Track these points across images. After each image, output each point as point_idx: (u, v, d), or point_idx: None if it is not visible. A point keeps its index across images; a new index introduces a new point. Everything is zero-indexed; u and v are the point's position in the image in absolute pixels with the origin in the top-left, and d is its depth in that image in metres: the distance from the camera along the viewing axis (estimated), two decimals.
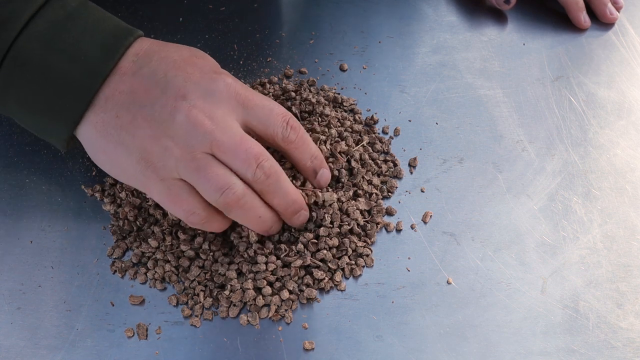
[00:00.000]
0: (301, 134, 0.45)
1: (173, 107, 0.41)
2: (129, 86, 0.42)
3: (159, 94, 0.41)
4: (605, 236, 0.49)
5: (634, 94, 0.58)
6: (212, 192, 0.41)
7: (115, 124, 0.42)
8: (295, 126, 0.44)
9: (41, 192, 0.50)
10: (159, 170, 0.41)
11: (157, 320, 0.45)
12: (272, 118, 0.43)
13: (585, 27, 0.63)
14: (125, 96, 0.42)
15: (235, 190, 0.41)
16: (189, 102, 0.41)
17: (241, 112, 0.43)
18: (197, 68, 0.43)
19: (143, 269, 0.46)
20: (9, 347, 0.43)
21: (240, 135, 0.42)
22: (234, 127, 0.42)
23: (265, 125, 0.43)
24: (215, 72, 0.43)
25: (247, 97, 0.43)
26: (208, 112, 0.41)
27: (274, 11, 0.63)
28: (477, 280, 0.47)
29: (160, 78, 0.42)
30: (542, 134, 0.55)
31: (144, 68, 0.42)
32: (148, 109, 0.41)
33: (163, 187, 0.42)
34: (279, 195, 0.43)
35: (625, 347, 0.44)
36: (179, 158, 0.41)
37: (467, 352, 0.44)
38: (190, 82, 0.42)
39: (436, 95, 0.57)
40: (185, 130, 0.41)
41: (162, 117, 0.41)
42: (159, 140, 0.41)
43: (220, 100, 0.42)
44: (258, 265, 0.45)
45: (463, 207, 0.50)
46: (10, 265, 0.47)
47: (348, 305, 0.46)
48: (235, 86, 0.43)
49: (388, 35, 0.62)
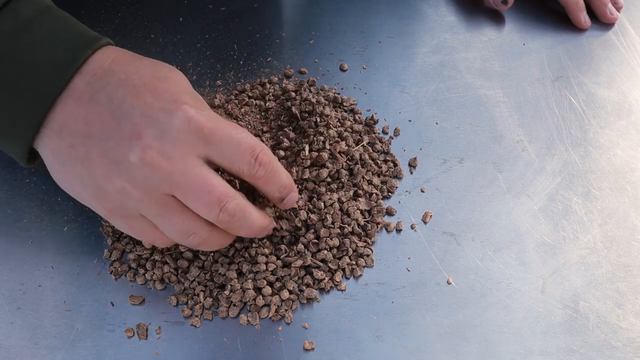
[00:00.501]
0: (271, 168, 0.41)
1: (127, 147, 0.38)
2: (84, 115, 0.39)
3: (114, 128, 0.38)
4: (605, 236, 0.49)
5: (634, 94, 0.58)
6: (176, 236, 0.40)
7: (70, 155, 0.39)
8: (265, 161, 0.40)
9: (41, 192, 0.50)
10: (116, 210, 0.40)
11: (157, 320, 0.45)
12: (238, 154, 0.40)
13: (585, 27, 0.63)
14: (81, 126, 0.39)
15: (200, 235, 0.40)
16: (144, 142, 0.38)
17: (203, 148, 0.39)
18: (157, 96, 0.39)
19: (142, 270, 0.46)
20: (9, 347, 0.43)
21: (202, 176, 0.39)
22: (195, 167, 0.39)
23: (230, 161, 0.40)
24: (176, 102, 0.39)
25: (210, 131, 0.39)
26: (165, 153, 0.38)
27: (274, 11, 0.63)
28: (477, 280, 0.47)
29: (116, 107, 0.38)
30: (542, 134, 0.55)
31: (99, 93, 0.39)
32: (103, 144, 0.38)
33: (124, 223, 0.41)
34: (245, 228, 0.42)
35: (625, 347, 0.44)
36: (137, 200, 0.39)
37: (467, 352, 0.44)
38: (147, 117, 0.38)
39: (436, 95, 0.57)
40: (141, 172, 0.38)
41: (116, 156, 0.38)
42: (113, 181, 0.39)
43: (179, 138, 0.38)
44: (258, 265, 0.45)
45: (463, 207, 0.50)
46: (10, 265, 0.47)
47: (348, 305, 0.46)
48: (196, 119, 0.38)
49: (388, 35, 0.62)
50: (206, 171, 0.39)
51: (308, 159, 0.49)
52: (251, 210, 0.41)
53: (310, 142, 0.49)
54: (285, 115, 0.53)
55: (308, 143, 0.49)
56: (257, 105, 0.54)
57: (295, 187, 0.44)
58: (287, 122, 0.53)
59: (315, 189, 0.48)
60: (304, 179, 0.48)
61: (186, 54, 0.58)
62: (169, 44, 0.59)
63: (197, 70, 0.57)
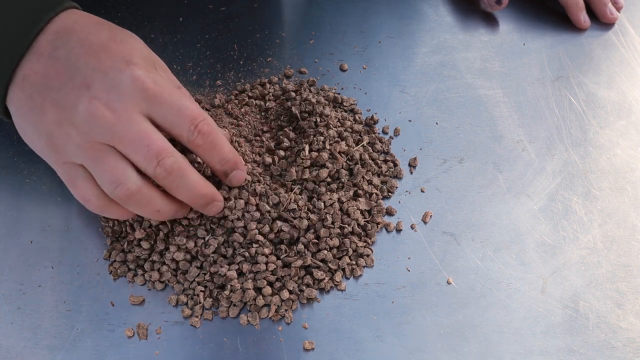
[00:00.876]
0: (211, 138, 0.42)
1: (76, 96, 0.41)
2: (43, 68, 0.42)
3: (67, 80, 0.41)
4: (605, 236, 0.49)
5: (634, 94, 0.58)
6: (106, 184, 0.41)
7: (28, 105, 0.42)
8: (205, 130, 0.42)
9: (41, 192, 0.50)
10: (60, 154, 0.42)
11: (157, 320, 0.45)
12: (179, 119, 0.42)
13: (585, 27, 0.63)
14: (39, 78, 0.42)
15: (128, 186, 0.41)
16: (92, 93, 0.40)
17: (146, 107, 0.41)
18: (110, 56, 0.42)
19: (140, 271, 0.46)
20: (9, 347, 0.43)
21: (143, 130, 0.41)
22: (137, 121, 0.41)
23: (170, 125, 0.42)
24: (127, 62, 0.41)
25: (154, 92, 0.41)
26: (110, 105, 0.40)
27: (274, 11, 0.63)
28: (477, 280, 0.47)
29: (71, 63, 0.41)
30: (542, 134, 0.55)
31: (59, 49, 0.42)
32: (55, 94, 0.41)
33: (63, 171, 0.43)
34: (184, 191, 0.42)
35: (625, 347, 0.44)
36: (78, 145, 0.41)
37: (467, 352, 0.44)
38: (98, 72, 0.41)
39: (436, 95, 0.57)
40: (86, 120, 0.40)
41: (66, 104, 0.41)
42: (62, 126, 0.41)
43: (125, 94, 0.41)
44: (258, 265, 0.45)
45: (463, 207, 0.50)
46: (10, 265, 0.47)
47: (348, 305, 0.46)
48: (143, 79, 0.41)
49: (388, 35, 0.61)
50: (148, 126, 0.41)
51: (308, 159, 0.49)
52: (191, 172, 0.42)
53: (310, 142, 0.49)
54: (285, 115, 0.53)
55: (308, 143, 0.49)
56: (257, 105, 0.54)
57: (242, 165, 0.45)
58: (287, 122, 0.53)
59: (315, 189, 0.48)
60: (304, 179, 0.48)
61: (186, 54, 0.58)
62: (169, 44, 0.59)
63: (197, 70, 0.57)
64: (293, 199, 0.47)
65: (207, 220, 0.46)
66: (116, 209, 0.43)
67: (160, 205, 0.43)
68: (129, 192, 0.41)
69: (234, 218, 0.46)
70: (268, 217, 0.46)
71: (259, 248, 0.46)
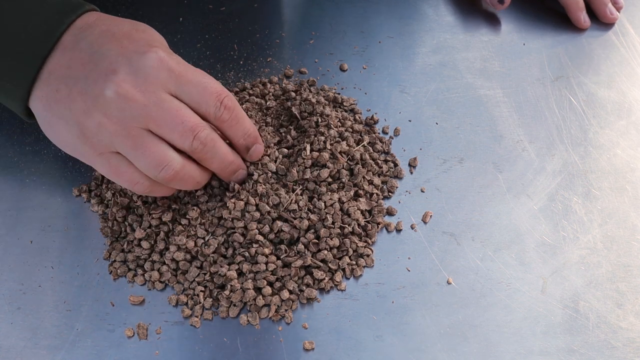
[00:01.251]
0: (235, 113, 0.44)
1: (104, 82, 0.41)
2: (68, 60, 0.42)
3: (92, 68, 0.41)
4: (605, 236, 0.49)
5: (634, 94, 0.58)
6: (150, 169, 0.42)
7: (55, 98, 0.42)
8: (230, 105, 0.43)
9: (41, 192, 0.50)
10: (95, 145, 0.42)
11: (157, 320, 0.45)
12: (205, 96, 0.43)
13: (585, 27, 0.63)
14: (65, 70, 0.42)
15: (173, 166, 0.42)
16: (119, 77, 0.41)
17: (173, 86, 0.42)
18: (133, 41, 0.42)
19: (140, 271, 0.46)
20: (9, 347, 0.43)
21: (175, 108, 0.41)
22: (167, 100, 0.41)
23: (197, 103, 0.43)
24: (149, 45, 0.42)
25: (180, 72, 0.42)
26: (139, 86, 0.41)
27: (274, 11, 0.63)
28: (477, 280, 0.47)
29: (95, 51, 0.42)
30: (542, 134, 0.55)
31: (82, 41, 0.42)
32: (82, 83, 0.41)
33: (102, 161, 0.43)
34: (216, 161, 0.44)
35: (625, 347, 0.44)
36: (113, 133, 0.41)
37: (467, 352, 0.44)
38: (123, 57, 0.41)
39: (436, 95, 0.57)
40: (117, 105, 0.41)
41: (94, 91, 0.41)
42: (92, 115, 0.41)
43: (151, 74, 0.41)
44: (258, 265, 0.45)
45: (463, 207, 0.50)
46: (10, 265, 0.47)
47: (348, 305, 0.46)
48: (167, 60, 0.42)
49: (388, 35, 0.61)
50: (178, 103, 0.42)
51: (309, 159, 0.49)
52: (221, 142, 0.44)
53: (312, 142, 0.49)
54: (285, 115, 0.53)
55: (309, 143, 0.49)
56: (257, 103, 0.54)
57: (260, 139, 0.47)
58: (287, 122, 0.53)
59: (315, 189, 0.48)
60: (305, 179, 0.48)
61: (186, 54, 0.58)
62: (169, 44, 0.59)
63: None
64: (294, 200, 0.47)
65: (207, 220, 0.46)
66: (161, 188, 0.45)
67: (199, 177, 0.45)
68: (174, 172, 0.42)
69: (233, 218, 0.46)
70: (268, 217, 0.46)
71: (259, 248, 0.46)
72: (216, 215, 0.47)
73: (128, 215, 0.47)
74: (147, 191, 0.44)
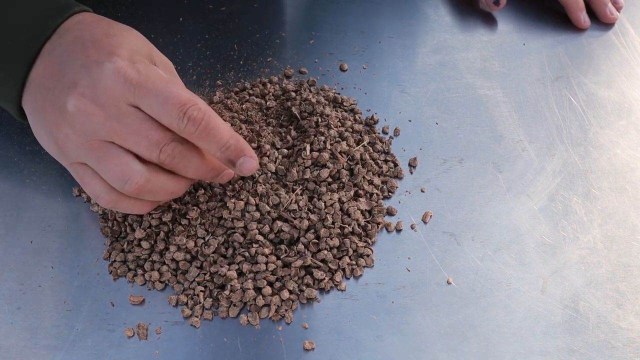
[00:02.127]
0: (204, 124, 0.39)
1: (66, 94, 0.40)
2: (43, 68, 0.42)
3: (59, 79, 0.41)
4: (605, 236, 0.49)
5: (634, 94, 0.58)
6: (115, 181, 0.41)
7: (34, 106, 0.42)
8: (195, 116, 0.39)
9: (41, 192, 0.50)
10: (65, 155, 0.42)
11: (157, 320, 0.45)
12: (166, 108, 0.39)
13: (585, 27, 0.63)
14: (41, 79, 0.42)
15: (137, 180, 0.40)
16: (78, 90, 0.40)
17: (132, 98, 0.39)
18: (98, 49, 0.41)
19: (140, 271, 0.46)
20: (9, 347, 0.43)
21: (138, 122, 0.40)
22: (129, 114, 0.40)
23: (158, 115, 0.40)
24: (110, 54, 0.40)
25: (138, 82, 0.39)
26: (98, 101, 0.39)
27: (274, 11, 0.63)
28: (477, 280, 0.47)
29: (63, 61, 0.41)
30: (542, 134, 0.55)
31: (57, 49, 0.42)
32: (51, 94, 0.41)
33: (73, 171, 0.43)
34: (191, 170, 0.42)
35: (625, 347, 0.44)
36: (78, 146, 0.41)
37: (467, 352, 0.44)
38: (84, 68, 0.40)
39: (436, 95, 0.57)
40: (79, 119, 0.40)
41: (59, 104, 0.41)
42: (61, 127, 0.41)
43: (109, 87, 0.39)
44: (258, 265, 0.45)
45: (463, 207, 0.50)
46: (10, 265, 0.47)
47: (348, 305, 0.46)
48: (125, 70, 0.39)
49: (388, 35, 0.61)
50: (141, 116, 0.40)
51: (309, 159, 0.49)
52: (194, 152, 0.41)
53: (311, 142, 0.50)
54: (286, 115, 0.53)
55: (309, 143, 0.49)
56: (257, 103, 0.54)
57: (250, 152, 0.42)
58: (287, 122, 0.53)
59: (315, 189, 0.48)
60: (305, 179, 0.48)
61: (186, 54, 0.58)
62: (169, 44, 0.59)
63: (197, 70, 0.57)
64: (294, 200, 0.47)
65: (207, 220, 0.46)
66: (129, 202, 0.43)
67: (173, 187, 0.42)
68: (139, 186, 0.40)
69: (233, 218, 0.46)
70: (268, 217, 0.46)
71: (259, 248, 0.46)
72: (216, 215, 0.47)
73: (128, 215, 0.47)
74: (113, 205, 0.42)
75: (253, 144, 0.49)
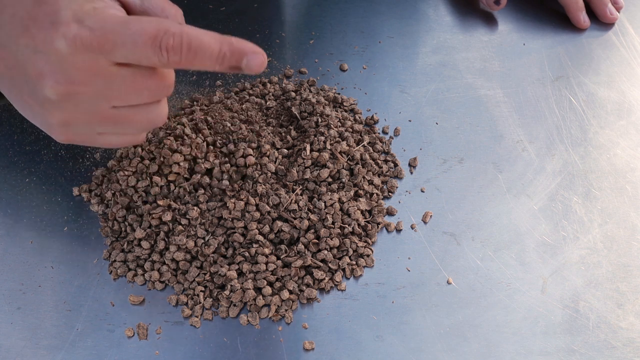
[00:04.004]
0: (185, 48, 0.36)
1: (41, 87, 0.37)
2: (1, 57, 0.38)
3: (21, 71, 0.37)
4: (605, 236, 0.49)
5: (634, 94, 0.58)
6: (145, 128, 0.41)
7: (11, 98, 0.40)
8: (172, 44, 0.35)
9: (41, 192, 0.50)
10: (76, 138, 0.40)
11: (157, 320, 0.45)
12: (139, 52, 0.35)
13: (585, 27, 0.63)
14: (2, 69, 0.38)
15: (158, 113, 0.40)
16: (51, 80, 0.36)
17: (105, 58, 0.36)
18: (38, 26, 0.36)
19: (140, 271, 0.46)
20: (9, 347, 0.43)
21: (128, 77, 0.37)
22: (112, 74, 0.36)
23: (138, 60, 0.36)
24: (54, 26, 0.35)
25: (99, 43, 0.35)
26: (75, 80, 0.36)
27: (274, 11, 0.63)
28: (477, 280, 0.47)
29: (13, 50, 0.37)
30: (542, 134, 0.55)
31: (1, 31, 0.37)
32: (26, 87, 0.38)
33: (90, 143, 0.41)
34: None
35: (625, 347, 0.44)
36: (87, 124, 0.39)
37: (467, 352, 0.44)
38: (39, 53, 0.36)
39: (436, 95, 0.57)
40: (71, 105, 0.37)
41: (42, 97, 0.37)
42: (56, 117, 0.38)
43: (75, 63, 0.36)
44: (258, 265, 0.45)
45: (463, 207, 0.50)
46: (10, 265, 0.47)
47: (348, 305, 0.46)
48: (80, 38, 0.35)
49: (388, 35, 0.62)
50: (126, 72, 0.37)
51: (309, 159, 0.49)
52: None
53: (311, 142, 0.50)
54: (286, 115, 0.53)
55: (309, 143, 0.49)
56: (257, 103, 0.54)
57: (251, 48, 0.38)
58: (287, 122, 0.53)
59: (315, 189, 0.48)
60: (305, 179, 0.48)
61: None
62: None
63: (197, 70, 0.57)
64: (294, 200, 0.47)
65: (207, 220, 0.46)
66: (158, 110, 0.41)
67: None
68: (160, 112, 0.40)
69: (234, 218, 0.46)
70: (268, 217, 0.46)
71: (259, 248, 0.46)
72: (216, 215, 0.47)
73: (128, 215, 0.47)
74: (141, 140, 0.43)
75: (253, 144, 0.49)
